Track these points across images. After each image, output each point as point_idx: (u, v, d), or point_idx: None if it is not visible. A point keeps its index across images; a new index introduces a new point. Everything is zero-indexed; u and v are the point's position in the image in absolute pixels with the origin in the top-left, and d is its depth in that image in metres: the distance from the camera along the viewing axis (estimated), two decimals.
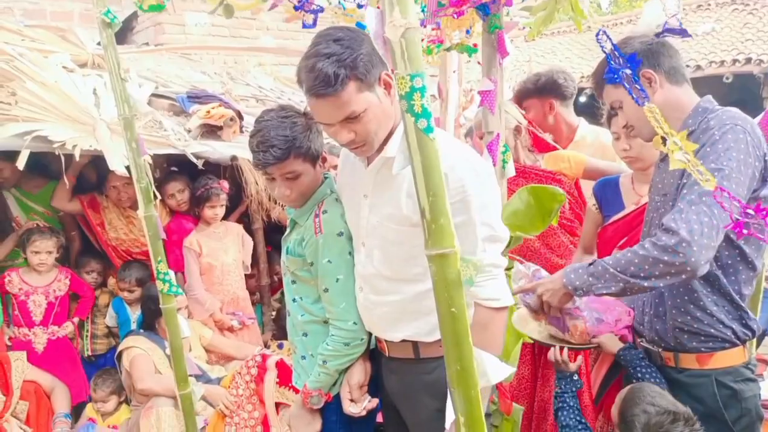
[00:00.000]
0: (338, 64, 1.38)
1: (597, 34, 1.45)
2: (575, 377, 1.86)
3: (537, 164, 2.54)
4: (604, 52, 1.49)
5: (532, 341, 2.03)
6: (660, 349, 1.72)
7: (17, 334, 3.18)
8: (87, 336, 3.45)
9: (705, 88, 2.00)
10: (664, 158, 1.69)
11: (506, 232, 1.55)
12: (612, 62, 1.51)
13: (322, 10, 2.12)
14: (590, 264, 1.60)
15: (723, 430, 1.63)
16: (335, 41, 1.40)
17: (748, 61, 8.09)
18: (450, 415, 1.25)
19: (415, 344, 1.62)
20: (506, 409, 1.95)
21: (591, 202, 2.29)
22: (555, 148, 2.63)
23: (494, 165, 1.95)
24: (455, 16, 1.96)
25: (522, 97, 2.84)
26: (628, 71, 1.50)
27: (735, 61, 8.22)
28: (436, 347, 1.58)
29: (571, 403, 1.84)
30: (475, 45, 2.16)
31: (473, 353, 1.08)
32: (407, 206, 1.49)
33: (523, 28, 2.21)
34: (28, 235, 3.22)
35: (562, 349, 1.90)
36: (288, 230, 1.85)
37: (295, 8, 2.12)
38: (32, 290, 3.21)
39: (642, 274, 1.48)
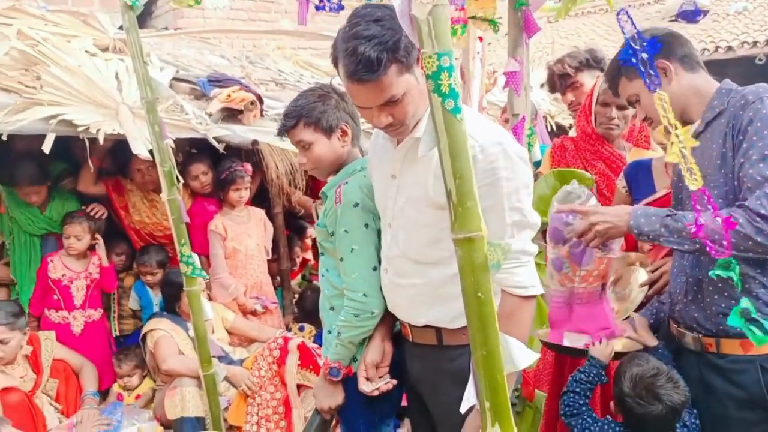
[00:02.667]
0: (380, 47, 1.32)
1: (618, 14, 1.41)
2: (603, 372, 1.80)
3: (624, 154, 2.50)
4: (624, 33, 1.45)
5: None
6: (700, 335, 1.67)
7: (55, 318, 3.22)
8: (114, 317, 3.51)
9: (736, 69, 1.95)
10: (697, 136, 1.64)
11: (537, 218, 1.49)
12: (631, 44, 1.48)
13: (343, 7, 2.11)
14: (667, 215, 1.54)
15: (766, 417, 1.58)
16: (375, 21, 1.34)
17: None
18: (467, 399, 1.23)
19: (438, 330, 1.60)
20: (529, 395, 1.93)
21: (620, 183, 2.25)
22: (647, 147, 2.57)
23: None
24: None
25: (578, 69, 2.78)
26: (645, 55, 1.47)
27: None
28: (459, 335, 1.56)
29: (581, 396, 1.80)
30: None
31: (499, 339, 1.06)
32: (434, 188, 1.45)
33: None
34: (64, 218, 3.27)
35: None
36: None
37: (317, 8, 2.11)
38: (75, 276, 3.26)
39: (725, 243, 1.43)
